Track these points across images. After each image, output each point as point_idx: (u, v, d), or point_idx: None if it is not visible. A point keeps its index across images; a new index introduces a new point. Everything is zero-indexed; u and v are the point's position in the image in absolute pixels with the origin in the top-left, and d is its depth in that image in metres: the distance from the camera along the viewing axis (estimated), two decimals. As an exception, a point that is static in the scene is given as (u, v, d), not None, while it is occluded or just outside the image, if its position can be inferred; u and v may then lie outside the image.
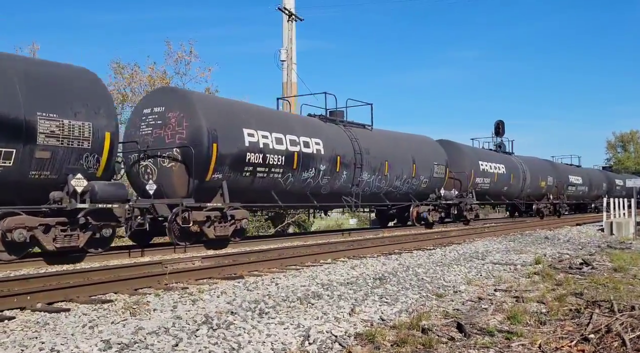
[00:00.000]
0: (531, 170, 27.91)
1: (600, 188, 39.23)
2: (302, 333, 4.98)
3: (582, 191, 35.84)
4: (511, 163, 26.56)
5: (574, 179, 34.48)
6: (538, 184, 28.58)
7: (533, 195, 28.47)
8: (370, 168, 16.42)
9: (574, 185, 34.55)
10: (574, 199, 35.69)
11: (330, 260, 10.04)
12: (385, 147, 17.53)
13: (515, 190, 26.49)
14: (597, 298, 6.43)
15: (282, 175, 13.42)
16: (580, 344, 4.68)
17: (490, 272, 9.10)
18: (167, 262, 8.60)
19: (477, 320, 5.66)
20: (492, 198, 24.98)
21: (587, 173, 38.10)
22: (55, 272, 7.70)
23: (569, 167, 36.01)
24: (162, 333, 4.70)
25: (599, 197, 38.01)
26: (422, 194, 19.43)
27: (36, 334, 4.69)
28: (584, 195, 36.70)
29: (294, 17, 23.62)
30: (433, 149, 20.56)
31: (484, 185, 23.38)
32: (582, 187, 36.01)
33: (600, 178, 40.90)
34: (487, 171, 23.57)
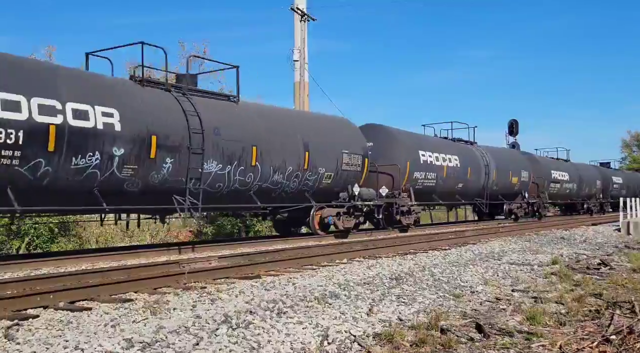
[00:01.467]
0: (499, 164, 23.25)
1: (592, 186, 34.49)
2: (320, 333, 5.00)
3: (569, 189, 31.15)
4: (469, 154, 21.63)
5: (558, 175, 29.67)
6: (508, 180, 24.09)
7: (502, 193, 23.90)
8: (222, 155, 11.55)
9: (558, 182, 29.65)
10: (559, 198, 30.89)
11: (346, 260, 10.05)
12: (253, 126, 12.52)
13: (474, 188, 21.69)
14: (618, 299, 6.38)
15: (22, 162, 8.57)
16: (601, 345, 4.66)
17: (507, 272, 9.06)
18: (184, 262, 8.67)
19: (496, 320, 5.65)
20: (441, 198, 19.76)
21: (577, 168, 33.10)
22: (75, 272, 7.80)
23: (552, 161, 31.04)
24: (182, 332, 4.75)
25: (591, 196, 34.37)
26: (326, 193, 14.68)
27: (60, 333, 4.76)
28: (571, 194, 31.81)
29: (307, 17, 23.64)
30: (346, 133, 15.65)
31: (428, 182, 18.73)
32: (569, 184, 31.11)
33: (592, 174, 35.72)
34: (431, 164, 18.79)
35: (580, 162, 35.72)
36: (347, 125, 16.37)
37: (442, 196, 19.67)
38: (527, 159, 26.96)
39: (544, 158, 30.56)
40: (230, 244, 12.67)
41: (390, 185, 16.98)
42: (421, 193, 18.26)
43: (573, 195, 31.81)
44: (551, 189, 28.61)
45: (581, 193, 32.65)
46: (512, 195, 24.67)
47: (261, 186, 12.66)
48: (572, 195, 31.77)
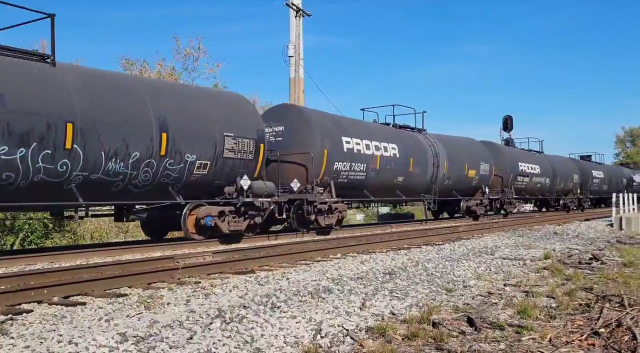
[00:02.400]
0: (451, 154, 20.74)
1: (569, 181, 31.94)
2: (313, 327, 5.04)
3: (540, 183, 28.63)
4: (412, 143, 18.87)
5: (527, 168, 27.06)
6: (463, 173, 21.49)
7: (457, 188, 21.29)
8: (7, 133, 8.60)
9: (527, 175, 26.97)
10: (529, 193, 28.07)
11: (339, 255, 10.10)
12: (70, 96, 9.45)
13: (420, 182, 19.01)
14: (607, 293, 6.45)
15: None
16: (590, 338, 4.72)
17: (499, 267, 9.13)
18: (179, 257, 8.70)
19: (488, 314, 5.70)
20: (375, 194, 16.72)
21: (550, 161, 30.59)
22: (69, 267, 7.81)
23: (519, 152, 28.49)
24: (176, 326, 4.78)
25: (568, 191, 32.05)
26: (203, 187, 11.89)
27: (54, 327, 4.79)
28: (544, 189, 29.31)
29: (302, 12, 23.61)
30: (229, 110, 12.43)
31: (355, 174, 15.73)
32: (541, 178, 28.59)
33: (569, 168, 32.98)
34: (358, 152, 15.78)
35: (555, 155, 33.18)
36: (236, 101, 13.02)
37: (376, 191, 16.82)
38: (488, 149, 24.14)
39: (509, 148, 27.88)
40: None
41: (304, 178, 14.16)
42: (348, 188, 15.54)
43: (546, 190, 29.21)
44: (518, 183, 25.95)
45: (555, 188, 30.14)
46: (470, 191, 22.15)
47: (88, 177, 9.63)
48: (545, 190, 29.17)
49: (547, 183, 29.53)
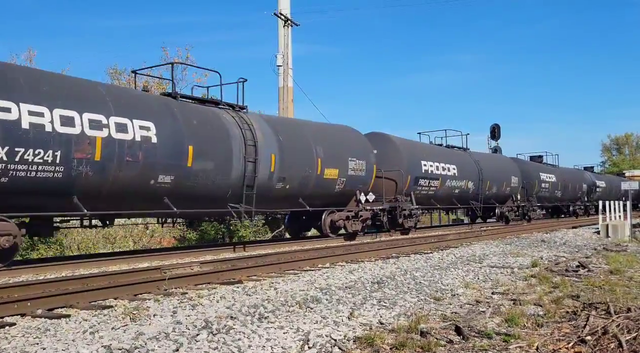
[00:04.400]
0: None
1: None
2: (301, 337, 5.01)
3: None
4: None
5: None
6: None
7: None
8: None
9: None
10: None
11: (328, 265, 10.07)
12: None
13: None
14: (594, 301, 6.49)
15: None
16: (577, 346, 4.74)
17: (487, 275, 9.15)
18: (166, 268, 8.63)
19: (475, 323, 5.71)
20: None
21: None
22: (54, 279, 7.71)
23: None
24: (162, 338, 4.73)
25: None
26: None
27: (37, 340, 4.71)
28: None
29: (290, 22, 23.72)
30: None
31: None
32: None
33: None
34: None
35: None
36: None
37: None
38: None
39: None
40: (213, 250, 12.64)
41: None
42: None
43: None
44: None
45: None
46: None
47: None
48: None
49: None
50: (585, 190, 34.81)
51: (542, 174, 29.01)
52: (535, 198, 27.64)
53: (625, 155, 74.86)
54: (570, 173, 33.91)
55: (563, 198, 31.43)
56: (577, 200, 33.80)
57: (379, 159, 17.31)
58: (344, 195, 15.90)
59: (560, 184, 30.57)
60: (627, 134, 76.57)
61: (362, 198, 16.14)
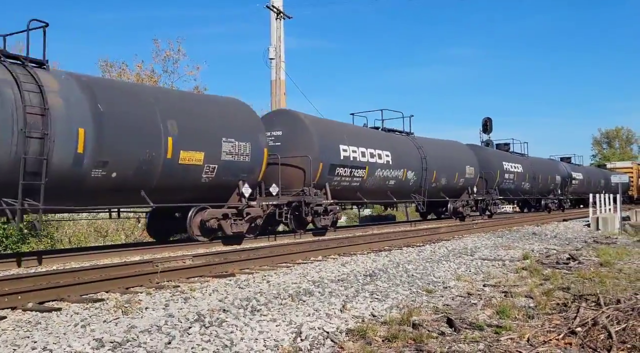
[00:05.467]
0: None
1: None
2: (294, 329, 5.02)
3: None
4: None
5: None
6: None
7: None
8: None
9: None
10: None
11: (320, 258, 10.09)
12: None
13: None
14: (584, 292, 6.54)
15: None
16: (567, 337, 4.78)
17: (479, 267, 9.21)
18: (158, 261, 8.60)
19: (467, 315, 5.74)
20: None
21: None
22: (45, 272, 7.67)
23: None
24: (154, 331, 4.72)
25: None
26: None
27: (28, 333, 4.69)
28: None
29: (282, 15, 23.59)
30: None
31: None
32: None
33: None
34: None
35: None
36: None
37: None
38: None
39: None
40: (206, 243, 12.59)
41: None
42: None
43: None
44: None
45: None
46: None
47: None
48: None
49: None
50: (559, 183, 31.74)
51: (506, 163, 25.56)
52: (497, 190, 24.28)
53: (615, 149, 75.41)
54: (541, 163, 30.68)
55: (532, 191, 28.24)
56: (550, 193, 30.68)
57: (285, 141, 14.38)
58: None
59: (529, 175, 27.45)
60: (617, 127, 77.29)
61: (245, 192, 12.43)
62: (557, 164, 33.50)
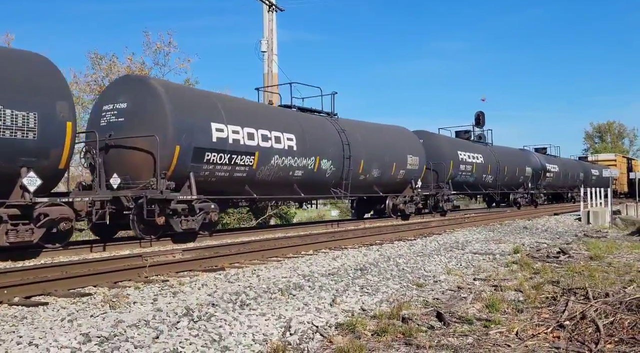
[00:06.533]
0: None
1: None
2: (283, 324, 5.00)
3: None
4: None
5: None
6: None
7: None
8: None
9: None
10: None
11: (311, 252, 10.07)
12: None
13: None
14: (573, 286, 6.56)
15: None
16: (555, 331, 4.78)
17: (469, 261, 9.22)
18: (147, 255, 8.54)
19: (457, 309, 5.74)
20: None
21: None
22: (33, 266, 7.59)
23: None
24: (142, 325, 4.68)
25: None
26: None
27: (14, 328, 4.63)
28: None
29: (275, 7, 23.45)
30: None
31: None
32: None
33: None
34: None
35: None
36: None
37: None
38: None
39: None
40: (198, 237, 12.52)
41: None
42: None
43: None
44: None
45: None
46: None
47: None
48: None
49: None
50: (530, 175, 28.53)
51: (463, 152, 22.29)
52: (450, 184, 21.37)
53: (607, 143, 75.85)
54: (508, 153, 27.54)
55: (495, 185, 25.06)
56: (519, 187, 27.83)
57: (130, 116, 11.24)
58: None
59: (491, 167, 24.34)
60: (609, 121, 77.70)
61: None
62: (528, 155, 30.25)
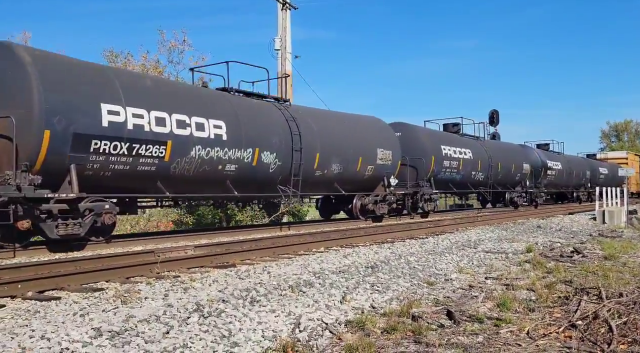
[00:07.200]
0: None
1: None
2: (293, 321, 5.00)
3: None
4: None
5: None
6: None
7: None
8: None
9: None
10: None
11: (322, 249, 10.06)
12: None
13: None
14: (586, 286, 6.49)
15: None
16: (567, 330, 4.73)
17: (481, 260, 9.16)
18: (160, 251, 8.61)
19: (467, 307, 5.70)
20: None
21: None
22: (46, 261, 7.69)
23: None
24: (153, 321, 4.71)
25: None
26: None
27: (27, 322, 4.69)
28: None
29: (288, 5, 23.44)
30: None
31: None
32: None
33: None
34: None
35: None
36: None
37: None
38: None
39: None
40: (210, 233, 12.62)
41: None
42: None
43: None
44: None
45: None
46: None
47: None
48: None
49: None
50: (528, 172, 26.11)
51: (447, 147, 20.11)
52: (432, 182, 19.14)
53: (624, 142, 74.86)
54: (502, 149, 25.17)
55: (487, 183, 22.61)
56: (516, 185, 25.56)
57: None
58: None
59: (482, 163, 21.96)
60: (626, 120, 76.72)
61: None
62: (527, 151, 27.72)
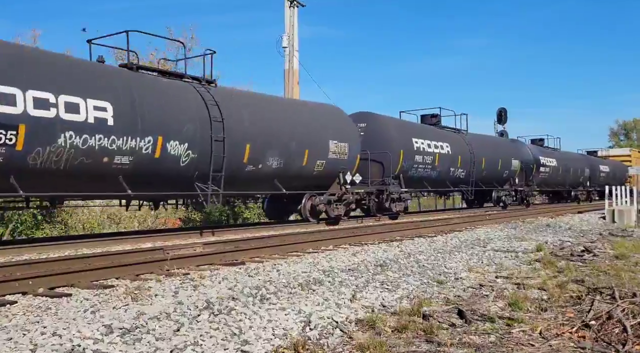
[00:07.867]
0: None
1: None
2: (303, 319, 4.99)
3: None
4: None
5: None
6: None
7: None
8: None
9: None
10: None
11: (331, 247, 10.05)
12: None
13: None
14: (599, 285, 6.43)
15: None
16: (581, 330, 4.69)
17: (491, 259, 9.10)
18: (169, 248, 8.62)
19: (478, 306, 5.67)
20: None
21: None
22: (57, 258, 7.72)
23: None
24: (163, 318, 4.71)
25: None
26: None
27: (38, 318, 4.71)
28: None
29: (296, 2, 23.40)
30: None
31: None
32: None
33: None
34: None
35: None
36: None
37: None
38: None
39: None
40: (219, 231, 12.62)
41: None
42: None
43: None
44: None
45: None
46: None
47: None
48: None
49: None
50: (518, 170, 24.14)
51: (420, 140, 17.88)
52: (401, 179, 17.12)
53: (633, 141, 74.27)
54: (489, 144, 22.91)
55: (468, 180, 20.54)
56: (504, 184, 23.56)
57: None
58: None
59: (462, 159, 19.93)
60: (635, 119, 75.94)
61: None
62: (517, 146, 25.79)
